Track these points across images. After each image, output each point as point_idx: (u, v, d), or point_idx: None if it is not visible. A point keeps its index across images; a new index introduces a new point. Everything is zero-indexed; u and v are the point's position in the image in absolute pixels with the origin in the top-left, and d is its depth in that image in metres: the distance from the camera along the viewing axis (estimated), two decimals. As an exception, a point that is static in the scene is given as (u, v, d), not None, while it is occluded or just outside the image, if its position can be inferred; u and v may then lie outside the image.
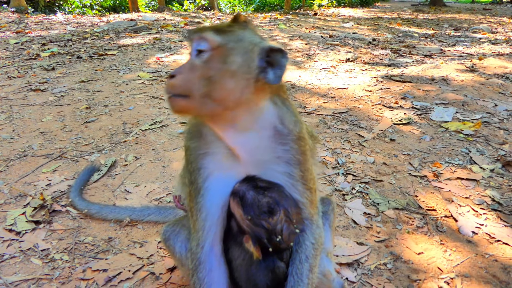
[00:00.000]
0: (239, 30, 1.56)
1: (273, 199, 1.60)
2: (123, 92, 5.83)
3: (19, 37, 10.31)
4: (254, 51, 1.51)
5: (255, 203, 1.59)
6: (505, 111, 4.88)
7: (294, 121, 1.67)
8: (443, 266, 2.51)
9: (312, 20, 16.39)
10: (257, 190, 1.61)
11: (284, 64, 1.56)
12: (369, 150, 4.03)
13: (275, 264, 1.67)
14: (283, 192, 1.66)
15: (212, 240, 1.73)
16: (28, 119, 4.78)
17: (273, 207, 1.59)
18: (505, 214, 2.98)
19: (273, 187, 1.65)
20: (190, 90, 1.48)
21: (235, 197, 1.64)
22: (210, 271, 1.72)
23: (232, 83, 1.48)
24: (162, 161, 3.86)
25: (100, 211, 3.01)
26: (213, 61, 1.47)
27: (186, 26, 13.05)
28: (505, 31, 12.78)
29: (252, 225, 1.59)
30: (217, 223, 1.72)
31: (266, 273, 1.67)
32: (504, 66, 6.98)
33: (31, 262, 2.58)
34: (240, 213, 1.62)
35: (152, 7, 28.41)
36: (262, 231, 1.58)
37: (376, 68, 7.48)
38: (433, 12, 21.57)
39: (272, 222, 1.58)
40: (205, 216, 1.69)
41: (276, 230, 1.58)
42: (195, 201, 1.70)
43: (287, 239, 1.62)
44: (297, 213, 1.68)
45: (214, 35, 1.48)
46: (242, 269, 1.74)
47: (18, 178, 3.52)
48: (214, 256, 1.74)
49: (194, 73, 1.49)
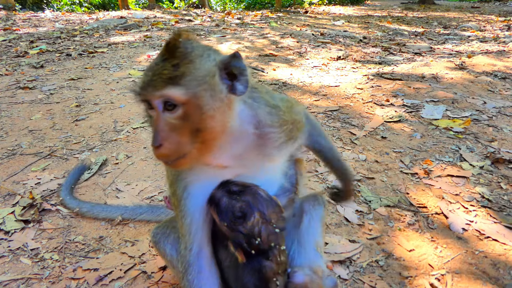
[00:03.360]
0: (189, 63, 1.43)
1: (246, 203, 1.60)
2: (114, 90, 5.78)
3: (7, 34, 10.17)
4: (214, 77, 1.46)
5: (229, 209, 1.59)
6: (494, 108, 4.93)
7: (269, 112, 1.67)
8: (434, 263, 2.53)
9: (303, 18, 16.40)
10: (230, 195, 1.62)
11: (244, 67, 1.51)
12: (361, 147, 4.04)
13: (261, 264, 1.66)
14: (257, 193, 1.66)
15: (199, 243, 1.73)
16: (16, 117, 4.72)
17: (246, 211, 1.59)
18: (494, 211, 3.01)
19: (247, 190, 1.65)
20: (184, 150, 1.46)
21: (211, 204, 1.64)
22: (199, 273, 1.73)
23: (215, 120, 1.47)
24: (154, 159, 3.83)
25: (91, 210, 2.98)
26: (189, 114, 1.43)
27: (177, 23, 12.98)
28: (493, 29, 12.91)
29: (230, 231, 1.60)
30: (203, 227, 1.72)
31: (253, 273, 1.67)
32: (493, 64, 7.05)
33: (21, 261, 2.55)
34: (217, 220, 1.62)
35: (142, 5, 28.24)
36: (240, 236, 1.59)
37: (367, 66, 7.51)
38: (422, 10, 21.70)
39: (247, 226, 1.58)
40: (190, 221, 1.69)
41: (254, 233, 1.58)
42: (179, 208, 1.70)
43: (266, 240, 1.61)
44: (275, 212, 1.67)
45: (177, 90, 1.39)
46: (230, 271, 1.76)
47: (7, 177, 3.48)
48: (203, 258, 1.75)
49: (178, 134, 1.44)
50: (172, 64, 1.41)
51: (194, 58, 1.45)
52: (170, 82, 1.39)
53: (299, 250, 1.91)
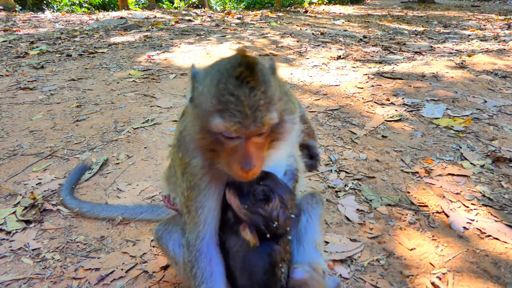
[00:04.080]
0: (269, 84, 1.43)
1: (268, 187, 1.66)
2: (114, 90, 5.78)
3: (7, 35, 10.17)
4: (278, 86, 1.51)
5: (251, 192, 1.65)
6: (494, 107, 4.93)
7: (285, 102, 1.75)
8: (435, 262, 2.53)
9: (303, 18, 16.40)
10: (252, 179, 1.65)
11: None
12: (362, 147, 4.05)
13: (272, 248, 1.72)
14: (277, 180, 1.72)
15: (211, 233, 1.78)
16: (17, 118, 4.73)
17: (269, 194, 1.65)
18: (495, 210, 3.01)
19: (267, 176, 1.70)
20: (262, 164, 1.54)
21: (231, 188, 1.69)
22: (210, 261, 1.77)
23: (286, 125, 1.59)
24: (155, 159, 3.83)
25: (91, 210, 2.98)
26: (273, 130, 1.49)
27: (177, 24, 12.99)
28: (494, 27, 12.90)
29: (249, 213, 1.64)
30: (216, 216, 1.78)
31: (263, 257, 1.72)
32: (493, 63, 7.05)
33: (22, 261, 2.55)
34: (236, 203, 1.66)
35: (142, 5, 28.24)
36: (260, 219, 1.64)
37: (367, 65, 7.51)
38: (422, 9, 21.69)
39: (268, 209, 1.64)
40: (207, 211, 1.73)
41: (273, 216, 1.64)
42: (196, 200, 1.72)
43: (284, 224, 1.68)
44: (291, 199, 1.73)
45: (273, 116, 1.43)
46: (238, 257, 1.78)
47: (8, 177, 3.48)
48: (213, 247, 1.80)
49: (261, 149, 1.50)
50: (261, 91, 1.38)
51: (267, 76, 1.45)
52: (268, 111, 1.39)
53: (298, 248, 1.92)
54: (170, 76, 6.57)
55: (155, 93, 5.68)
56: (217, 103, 1.37)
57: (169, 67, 7.16)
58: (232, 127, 1.36)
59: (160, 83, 6.20)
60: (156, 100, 5.37)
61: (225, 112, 1.35)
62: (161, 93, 5.70)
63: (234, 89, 1.35)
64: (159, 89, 5.88)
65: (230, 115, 1.35)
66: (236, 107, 1.34)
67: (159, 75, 6.60)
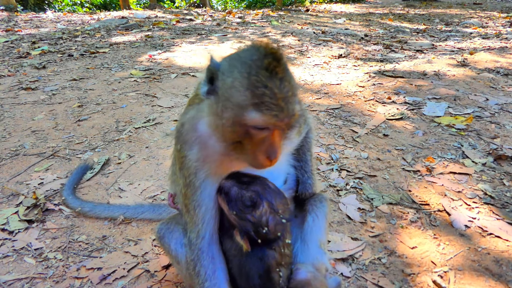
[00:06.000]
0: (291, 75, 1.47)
1: (255, 192, 1.65)
2: (116, 90, 5.79)
3: (9, 35, 10.19)
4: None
5: (239, 198, 1.64)
6: (496, 105, 4.92)
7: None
8: (436, 260, 2.53)
9: (304, 16, 16.38)
10: (240, 185, 1.66)
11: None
12: (363, 145, 4.04)
13: (264, 253, 1.70)
14: (266, 185, 1.71)
15: (211, 231, 1.79)
16: (19, 118, 4.74)
17: (256, 200, 1.64)
18: (497, 208, 3.00)
19: (256, 180, 1.70)
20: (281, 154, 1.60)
21: (221, 193, 1.69)
22: (213, 259, 1.79)
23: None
24: (156, 158, 3.84)
25: (93, 210, 2.99)
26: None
27: (178, 23, 12.98)
28: (496, 25, 12.85)
29: (238, 219, 1.65)
30: (215, 215, 1.78)
31: (256, 262, 1.71)
32: (495, 61, 7.03)
33: (25, 261, 2.56)
34: (226, 209, 1.68)
35: (144, 5, 28.26)
36: (248, 225, 1.64)
37: (368, 64, 7.50)
38: (424, 7, 21.62)
39: (256, 215, 1.63)
40: (204, 210, 1.74)
41: (262, 222, 1.63)
42: (192, 198, 1.73)
43: (274, 230, 1.67)
44: (282, 203, 1.71)
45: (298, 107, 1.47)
46: (235, 260, 1.79)
47: (10, 177, 3.49)
48: (214, 246, 1.81)
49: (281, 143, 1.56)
50: (288, 82, 1.40)
51: (288, 66, 1.47)
52: (295, 103, 1.43)
53: (302, 248, 1.92)
54: (171, 75, 6.58)
55: (156, 92, 5.69)
56: (252, 96, 1.37)
57: (171, 67, 7.16)
58: (269, 120, 1.38)
59: (162, 82, 6.20)
60: (158, 100, 5.38)
61: (261, 105, 1.37)
62: (163, 92, 5.70)
63: (266, 81, 1.36)
64: (160, 88, 5.88)
65: (267, 109, 1.37)
66: (271, 100, 1.36)
67: (160, 75, 6.60)
